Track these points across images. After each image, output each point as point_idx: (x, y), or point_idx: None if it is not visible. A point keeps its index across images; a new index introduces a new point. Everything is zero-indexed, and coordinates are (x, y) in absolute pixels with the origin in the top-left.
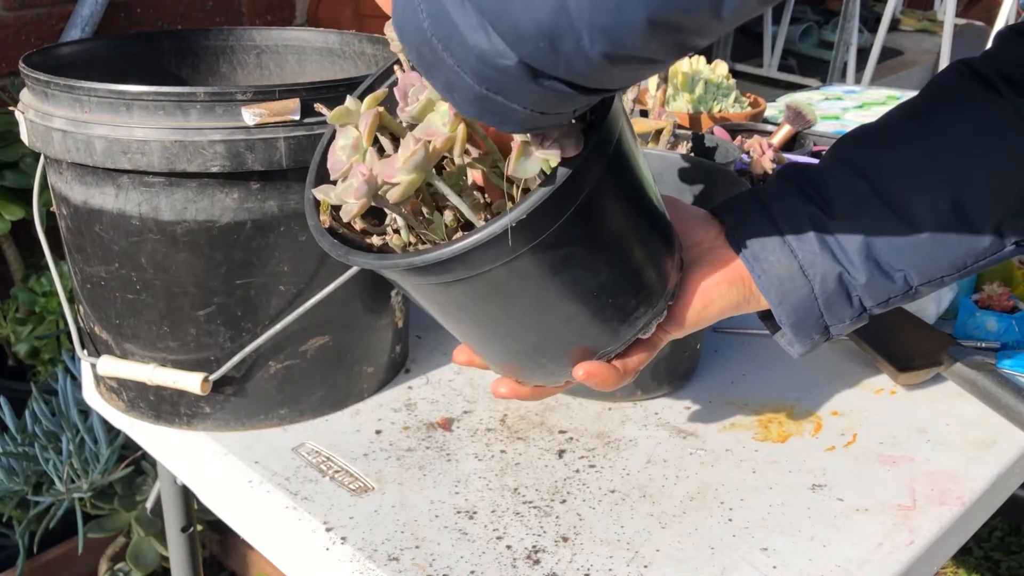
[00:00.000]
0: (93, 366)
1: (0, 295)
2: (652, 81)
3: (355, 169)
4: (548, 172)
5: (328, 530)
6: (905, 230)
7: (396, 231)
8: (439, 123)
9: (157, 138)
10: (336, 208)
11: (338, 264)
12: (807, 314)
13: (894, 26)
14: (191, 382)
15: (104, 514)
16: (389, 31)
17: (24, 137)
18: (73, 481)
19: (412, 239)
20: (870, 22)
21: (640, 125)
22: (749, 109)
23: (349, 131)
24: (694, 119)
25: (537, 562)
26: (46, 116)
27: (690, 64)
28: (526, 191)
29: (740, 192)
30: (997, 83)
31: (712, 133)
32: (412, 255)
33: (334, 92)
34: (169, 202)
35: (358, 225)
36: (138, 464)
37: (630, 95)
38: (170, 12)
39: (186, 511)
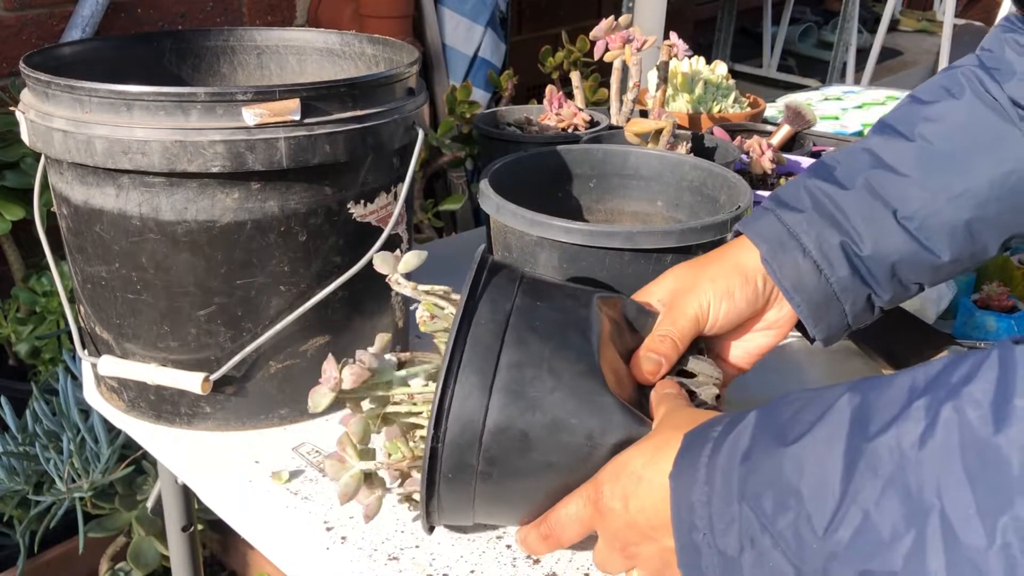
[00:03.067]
0: (94, 366)
1: (1, 295)
2: (652, 81)
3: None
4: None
5: (328, 530)
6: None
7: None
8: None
9: (158, 138)
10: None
11: (337, 264)
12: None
13: (893, 26)
14: (191, 382)
15: (105, 514)
16: None
17: (25, 137)
18: (74, 480)
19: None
20: (869, 22)
21: (640, 125)
22: (748, 109)
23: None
24: (694, 119)
25: (537, 562)
26: (47, 116)
27: (690, 64)
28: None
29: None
30: (1010, 112)
31: (712, 133)
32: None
33: (334, 92)
34: (169, 202)
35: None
36: (139, 464)
37: (630, 95)
38: (170, 12)
39: (186, 511)
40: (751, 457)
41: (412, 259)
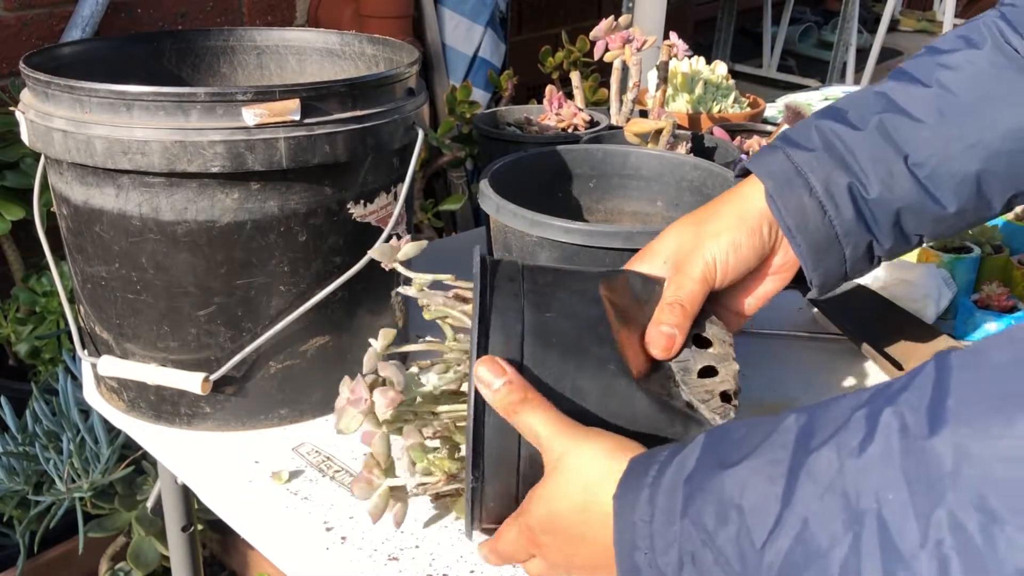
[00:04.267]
0: (94, 366)
1: (1, 295)
2: (652, 81)
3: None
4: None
5: (328, 530)
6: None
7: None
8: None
9: (157, 138)
10: None
11: (337, 264)
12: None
13: (893, 26)
14: (191, 382)
15: (104, 514)
16: None
17: (24, 137)
18: (74, 481)
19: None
20: (869, 22)
21: (640, 125)
22: (748, 109)
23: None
24: (693, 119)
25: None
26: (47, 116)
27: (690, 65)
28: None
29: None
30: None
31: (711, 133)
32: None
33: (334, 92)
34: (169, 202)
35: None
36: (138, 464)
37: (630, 95)
38: (170, 12)
39: (186, 511)
40: (695, 477)
41: (411, 249)
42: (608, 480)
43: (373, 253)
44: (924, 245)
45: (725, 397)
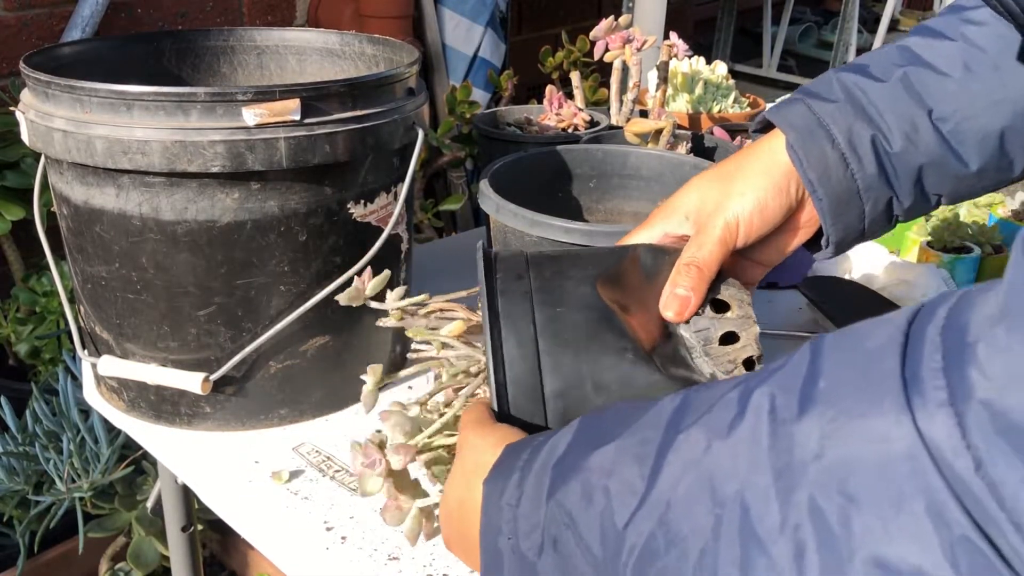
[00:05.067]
0: (94, 366)
1: (1, 295)
2: (652, 81)
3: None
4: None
5: (328, 530)
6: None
7: None
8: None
9: (157, 138)
10: None
11: (337, 264)
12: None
13: (893, 26)
14: (191, 382)
15: (104, 514)
16: None
17: (25, 137)
18: (74, 481)
19: None
20: (869, 22)
21: (640, 125)
22: (748, 109)
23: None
24: (693, 119)
25: None
26: (47, 116)
27: (690, 64)
28: None
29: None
30: None
31: (712, 133)
32: None
33: (334, 92)
34: (169, 202)
35: None
36: (138, 464)
37: (630, 95)
38: (170, 12)
39: (186, 511)
40: (566, 460)
41: (377, 283)
42: (485, 469)
43: (340, 299)
44: (943, 205)
45: (749, 364)
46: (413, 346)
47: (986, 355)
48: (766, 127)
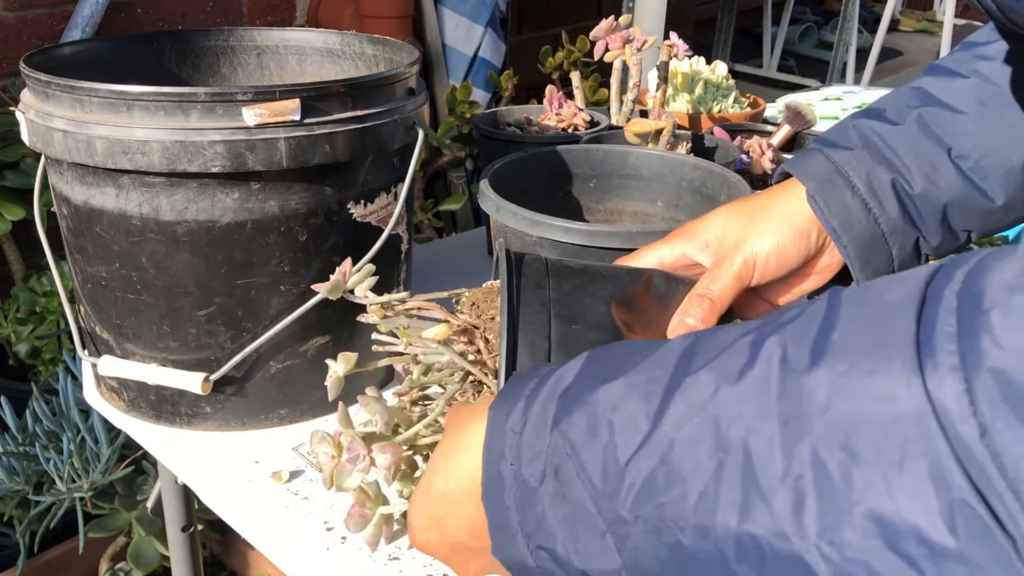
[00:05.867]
0: (94, 366)
1: (1, 295)
2: (652, 81)
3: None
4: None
5: (328, 530)
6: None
7: None
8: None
9: (158, 138)
10: None
11: (337, 264)
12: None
13: (893, 27)
14: (192, 382)
15: (105, 514)
16: None
17: (25, 137)
18: (74, 481)
19: None
20: (869, 23)
21: (640, 125)
22: (748, 109)
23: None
24: (694, 119)
25: None
26: (47, 116)
27: (690, 64)
28: None
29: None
30: None
31: (712, 133)
32: None
33: (334, 92)
34: (170, 202)
35: None
36: (139, 464)
37: (630, 95)
38: (170, 12)
39: (186, 511)
40: (572, 391)
41: (358, 278)
42: (477, 413)
43: (320, 289)
44: (975, 240)
45: None
46: (380, 338)
47: (1000, 323)
48: (786, 178)
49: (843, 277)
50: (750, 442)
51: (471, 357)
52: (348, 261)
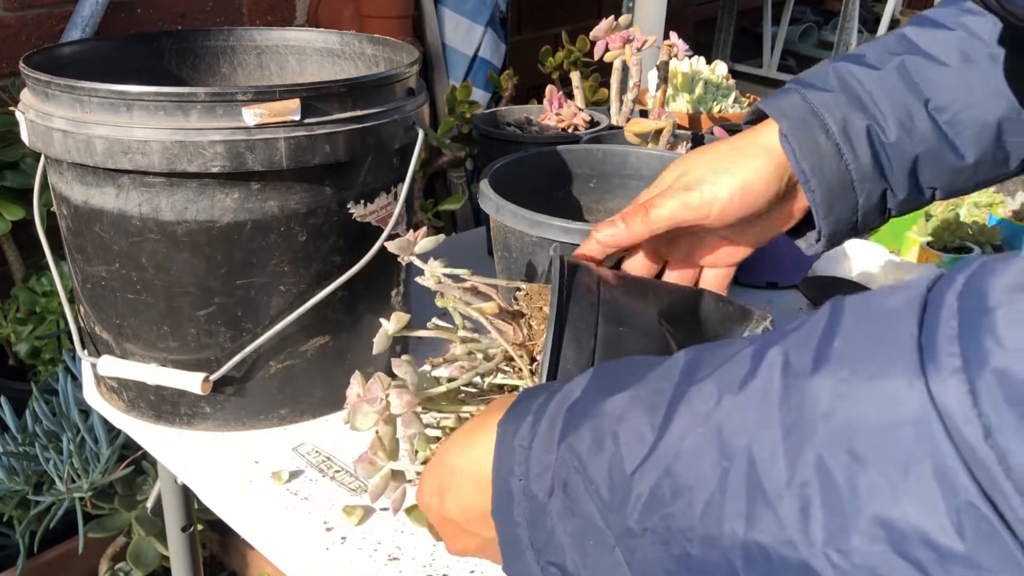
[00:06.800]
0: (94, 366)
1: (1, 295)
2: (652, 81)
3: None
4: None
5: (328, 530)
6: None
7: None
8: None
9: (157, 138)
10: None
11: (337, 264)
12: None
13: (893, 26)
14: (191, 382)
15: (104, 514)
16: None
17: (24, 137)
18: (73, 481)
19: None
20: (869, 22)
21: (640, 125)
22: (748, 109)
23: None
24: (694, 119)
25: None
26: (47, 116)
27: (690, 64)
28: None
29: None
30: None
31: (712, 133)
32: None
33: (334, 92)
34: (169, 202)
35: None
36: (138, 464)
37: (630, 95)
38: (170, 12)
39: (186, 511)
40: (578, 405)
41: (428, 243)
42: (497, 412)
43: (391, 246)
44: (937, 200)
45: None
46: (435, 321)
47: (1004, 324)
48: (760, 118)
49: (808, 223)
50: (754, 450)
51: (512, 341)
52: (424, 230)
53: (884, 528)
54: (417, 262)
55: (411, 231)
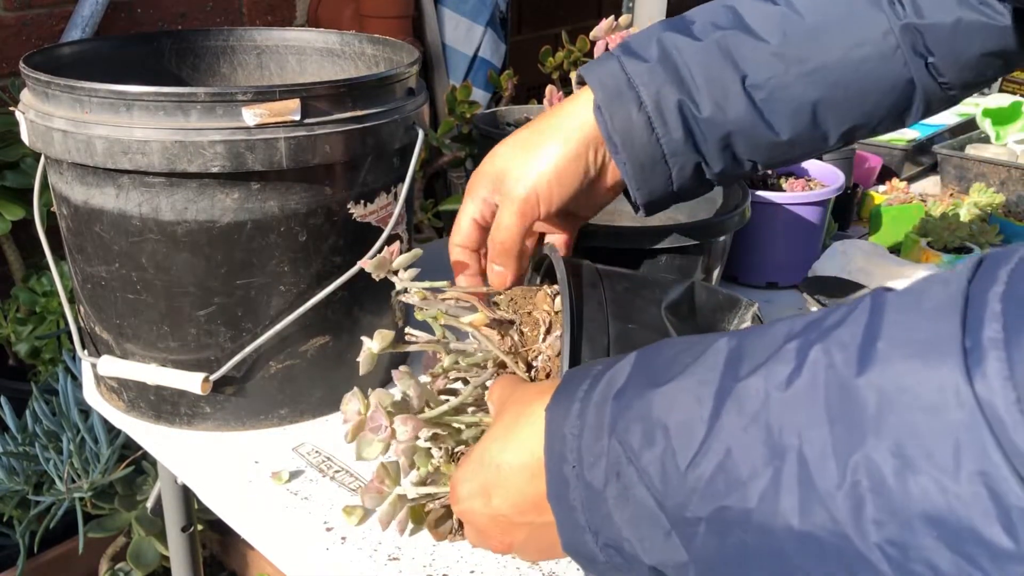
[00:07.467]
0: (94, 366)
1: (1, 295)
2: None
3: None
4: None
5: (328, 530)
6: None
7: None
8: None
9: (157, 138)
10: None
11: (337, 264)
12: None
13: None
14: (191, 382)
15: (104, 514)
16: None
17: (24, 137)
18: (74, 481)
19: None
20: None
21: None
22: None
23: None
24: None
25: (536, 562)
26: (47, 116)
27: None
28: None
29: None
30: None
31: None
32: None
33: (334, 92)
34: (169, 202)
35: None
36: (138, 464)
37: None
38: (170, 12)
39: (186, 511)
40: (625, 394)
41: (405, 259)
42: (543, 395)
43: (366, 265)
44: (761, 172)
45: None
46: (408, 331)
47: None
48: (584, 82)
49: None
50: (804, 450)
51: (504, 349)
52: (397, 245)
53: (936, 527)
54: (395, 279)
55: (387, 247)
